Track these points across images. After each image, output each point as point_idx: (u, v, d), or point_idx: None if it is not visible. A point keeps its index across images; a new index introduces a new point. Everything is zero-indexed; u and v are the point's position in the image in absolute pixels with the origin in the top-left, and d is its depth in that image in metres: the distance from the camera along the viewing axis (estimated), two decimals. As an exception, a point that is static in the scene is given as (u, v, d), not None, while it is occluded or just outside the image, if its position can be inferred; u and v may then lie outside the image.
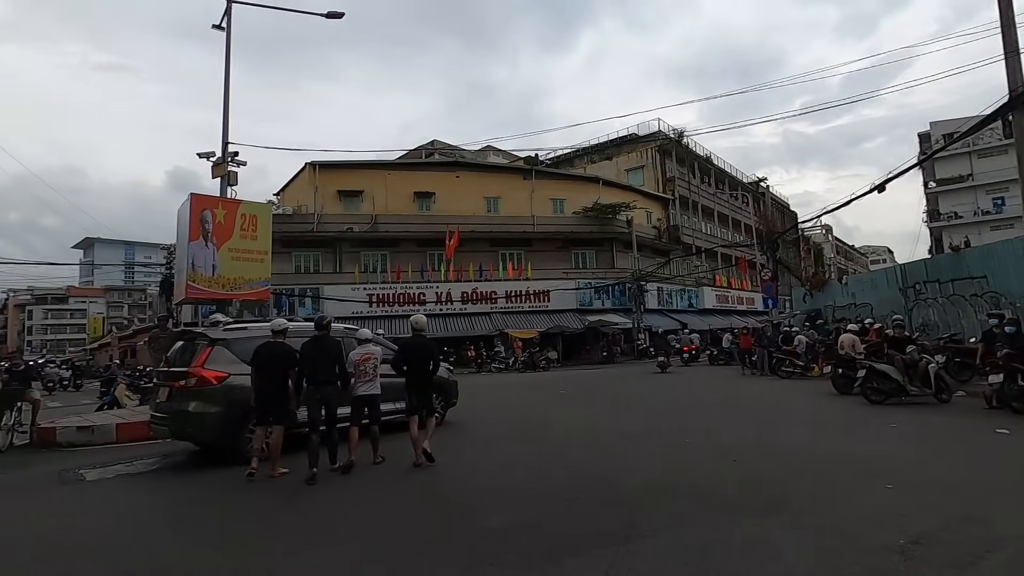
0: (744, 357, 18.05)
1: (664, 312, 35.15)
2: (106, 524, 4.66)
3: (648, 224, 38.15)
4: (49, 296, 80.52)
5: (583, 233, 34.02)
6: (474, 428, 8.83)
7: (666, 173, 41.41)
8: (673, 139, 42.35)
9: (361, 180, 31.97)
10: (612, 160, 43.33)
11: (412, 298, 29.87)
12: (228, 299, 11.09)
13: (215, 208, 10.95)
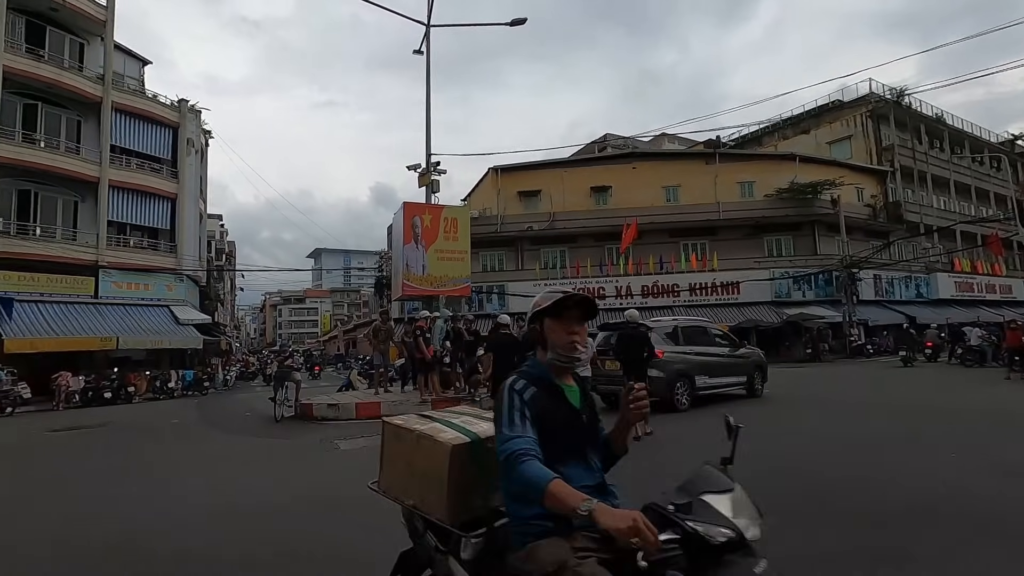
0: (1012, 358, 14.61)
1: (885, 304, 30.15)
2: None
3: (859, 202, 33.05)
4: (292, 298, 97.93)
5: (777, 217, 30.73)
6: (693, 426, 8.49)
7: (881, 142, 35.41)
8: (889, 101, 36.02)
9: (539, 180, 33.04)
10: (810, 134, 38.43)
11: (592, 292, 29.98)
12: (436, 295, 12.32)
13: (423, 214, 12.27)
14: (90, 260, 21.29)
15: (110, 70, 22.73)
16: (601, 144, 48.66)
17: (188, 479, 6.20)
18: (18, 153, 19.84)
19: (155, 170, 24.12)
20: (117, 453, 8.42)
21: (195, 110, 26.22)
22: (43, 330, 18.96)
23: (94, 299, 21.26)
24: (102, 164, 21.91)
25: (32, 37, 21.18)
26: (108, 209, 22.06)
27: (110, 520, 4.68)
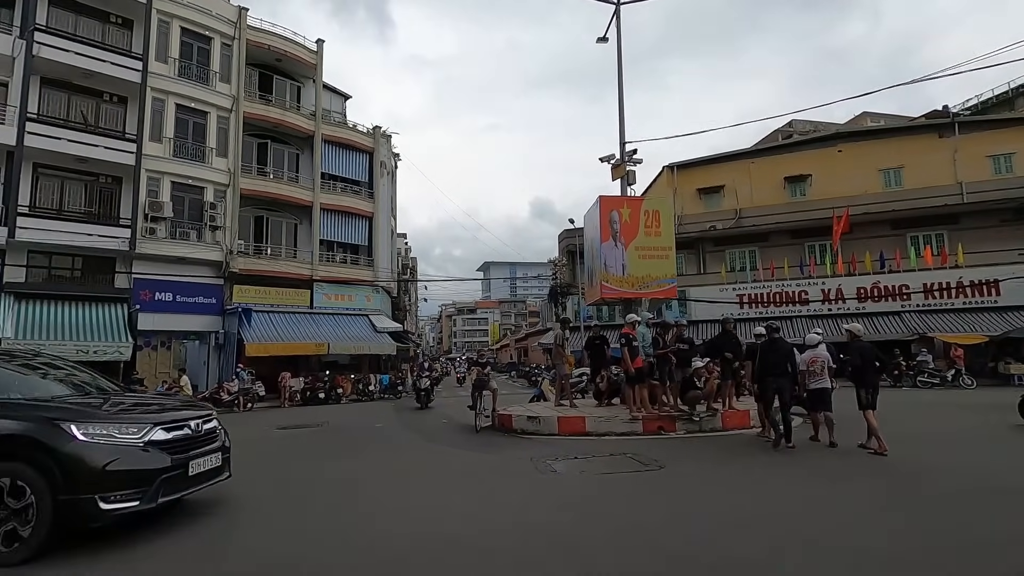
0: None
1: None
2: (667, 516, 4.42)
3: None
4: (465, 308, 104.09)
5: (1052, 196, 23.87)
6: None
7: None
8: None
9: (721, 175, 30.09)
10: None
11: (791, 297, 26.25)
12: (638, 297, 11.13)
13: (620, 208, 11.20)
14: (307, 275, 24.09)
15: (320, 107, 25.72)
16: (786, 132, 43.28)
17: (434, 493, 5.79)
18: (255, 185, 23.23)
19: (355, 192, 26.68)
20: (342, 456, 8.59)
21: (386, 135, 28.59)
22: (273, 336, 21.75)
23: (310, 309, 23.97)
24: (315, 190, 24.76)
25: (262, 85, 24.82)
26: (320, 229, 24.82)
27: (402, 523, 4.40)
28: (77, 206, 19.67)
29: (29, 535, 3.79)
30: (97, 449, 4.00)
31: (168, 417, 4.59)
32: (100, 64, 19.30)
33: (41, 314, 17.92)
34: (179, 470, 4.43)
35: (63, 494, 3.84)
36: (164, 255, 20.33)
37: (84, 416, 4.16)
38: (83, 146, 18.81)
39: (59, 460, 3.88)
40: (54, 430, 3.98)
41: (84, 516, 3.94)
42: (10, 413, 4.11)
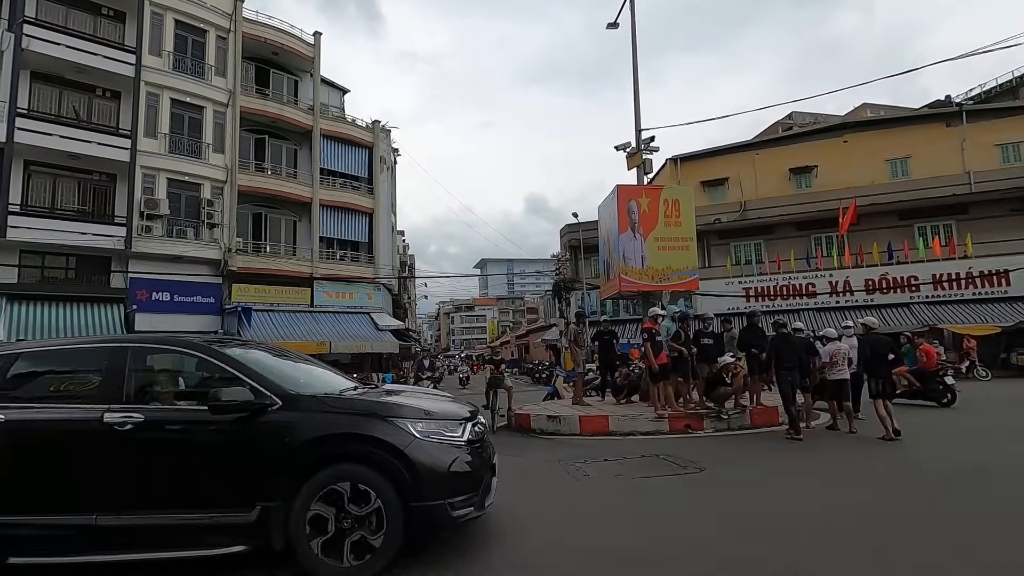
0: None
1: None
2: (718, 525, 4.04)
3: None
4: (463, 306, 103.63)
5: (1061, 184, 23.61)
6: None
7: None
8: None
9: (725, 167, 29.70)
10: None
11: (798, 290, 25.94)
12: (659, 291, 10.74)
13: (639, 197, 10.79)
14: (307, 273, 23.61)
15: (318, 101, 25.19)
16: (786, 124, 42.94)
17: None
18: (253, 181, 22.71)
19: (355, 188, 26.18)
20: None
21: (386, 130, 28.08)
22: (274, 335, 21.28)
23: (311, 308, 23.51)
24: (314, 186, 24.26)
25: (259, 79, 24.27)
26: (320, 226, 24.33)
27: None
28: (70, 204, 19.15)
29: (382, 544, 3.28)
30: (438, 448, 3.53)
31: (466, 412, 4.03)
32: (92, 58, 18.75)
33: (35, 316, 17.41)
34: (493, 474, 3.99)
35: (414, 499, 3.36)
36: (161, 254, 19.83)
37: (412, 412, 3.68)
38: (76, 142, 18.28)
39: (405, 461, 3.38)
40: (390, 427, 3.49)
41: (435, 523, 3.51)
42: (335, 408, 3.64)
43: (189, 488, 3.45)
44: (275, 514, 3.29)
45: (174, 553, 3.33)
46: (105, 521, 3.32)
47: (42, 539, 3.32)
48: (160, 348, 4.07)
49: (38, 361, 4.01)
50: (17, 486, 3.40)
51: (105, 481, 3.41)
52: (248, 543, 3.30)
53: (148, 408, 3.53)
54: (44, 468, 3.45)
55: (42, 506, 3.38)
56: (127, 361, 3.67)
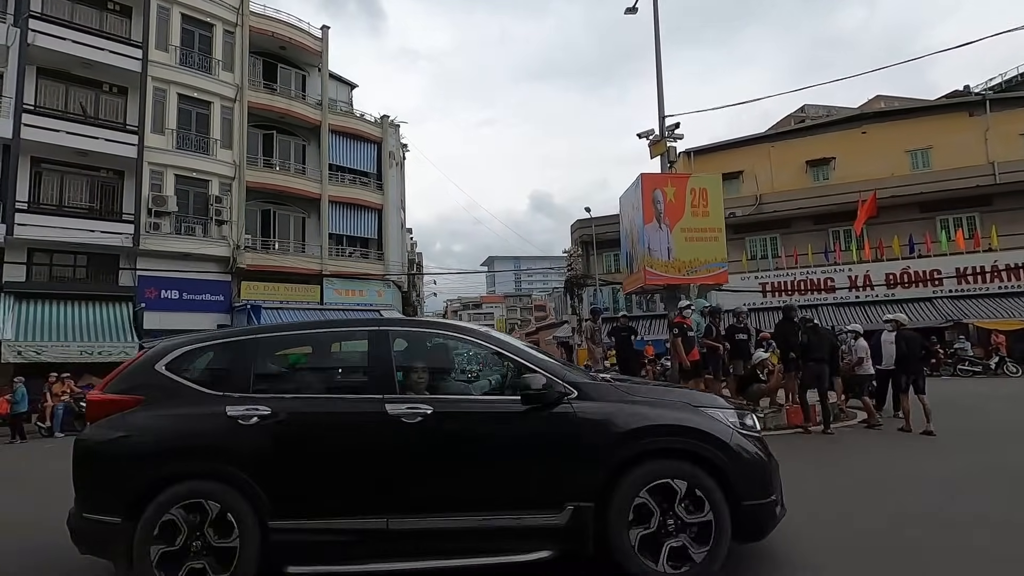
0: None
1: None
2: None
3: None
4: (470, 304, 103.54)
5: (1091, 174, 22.91)
6: None
7: None
8: None
9: (740, 160, 29.15)
10: None
11: (816, 284, 25.41)
12: (686, 284, 10.30)
13: (664, 186, 10.35)
14: (316, 270, 23.31)
15: (326, 96, 24.85)
16: (799, 117, 42.28)
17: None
18: (261, 177, 22.42)
19: (363, 184, 25.84)
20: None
21: (394, 125, 27.71)
22: (283, 334, 20.99)
23: (320, 306, 23.21)
24: (322, 182, 23.94)
25: (266, 74, 23.96)
26: (328, 222, 24.01)
27: None
28: (78, 202, 18.92)
29: (708, 553, 2.87)
30: (750, 440, 3.14)
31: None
32: (98, 53, 18.48)
33: (43, 314, 17.21)
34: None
35: (746, 498, 2.96)
36: (169, 251, 19.57)
37: (714, 400, 3.35)
38: (83, 139, 18.04)
39: (730, 454, 2.98)
40: (707, 417, 3.11)
41: (761, 526, 3.09)
42: (637, 397, 3.23)
43: (489, 487, 3.05)
44: (588, 515, 2.91)
45: (471, 560, 2.92)
46: (398, 525, 2.94)
47: (326, 546, 2.95)
48: (425, 332, 3.70)
49: (290, 346, 3.62)
50: (297, 488, 3.01)
51: (396, 481, 3.03)
52: (555, 548, 2.92)
53: (435, 399, 3.15)
54: (326, 467, 3.05)
55: (328, 510, 2.99)
56: (391, 345, 3.24)
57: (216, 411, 3.03)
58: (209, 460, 3.01)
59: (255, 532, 2.87)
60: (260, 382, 3.24)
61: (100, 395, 3.25)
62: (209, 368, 3.39)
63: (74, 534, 3.07)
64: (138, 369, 3.29)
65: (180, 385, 3.18)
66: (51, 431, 13.77)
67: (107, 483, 3.02)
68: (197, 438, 3.05)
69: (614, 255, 31.23)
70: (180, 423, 3.07)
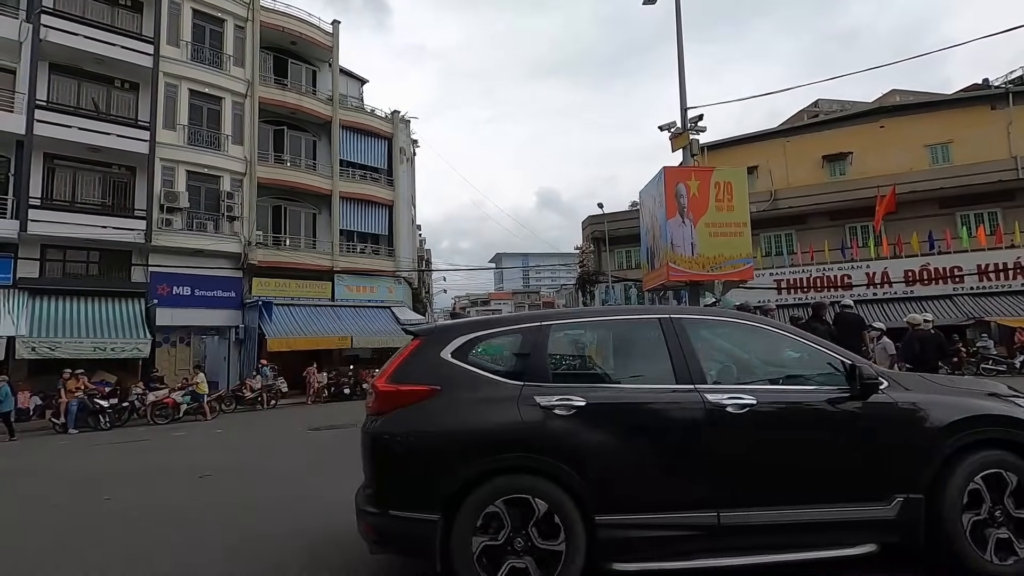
0: None
1: None
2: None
3: None
4: (478, 300, 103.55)
5: (1117, 169, 22.34)
6: None
7: None
8: None
9: (754, 155, 28.67)
10: None
11: (832, 281, 24.95)
12: (710, 280, 10.05)
13: (688, 180, 10.09)
14: (327, 266, 23.22)
15: (337, 92, 24.72)
16: (812, 111, 41.75)
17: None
18: (272, 173, 22.35)
19: (374, 180, 25.72)
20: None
21: (405, 120, 27.56)
22: (295, 330, 20.93)
23: (331, 302, 23.14)
24: (333, 178, 23.84)
25: (277, 69, 23.86)
26: (340, 219, 23.90)
27: None
28: (91, 198, 18.92)
29: None
30: None
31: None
32: (110, 48, 18.44)
33: (56, 310, 17.21)
34: None
35: None
36: (181, 247, 19.53)
37: (1008, 390, 3.28)
38: (95, 134, 18.02)
39: None
40: (1019, 407, 3.08)
41: None
42: (946, 387, 3.25)
43: (814, 480, 2.97)
44: (919, 507, 2.87)
45: (798, 555, 2.87)
46: (729, 520, 2.85)
47: (655, 541, 2.84)
48: (718, 320, 3.58)
49: (578, 332, 3.52)
50: (623, 481, 2.89)
51: (724, 474, 2.93)
52: (881, 541, 2.89)
53: (755, 389, 3.06)
54: (651, 460, 2.94)
55: (656, 504, 2.88)
56: (687, 333, 3.16)
57: (525, 401, 2.90)
58: (526, 452, 2.87)
59: (581, 527, 2.78)
60: (558, 370, 3.10)
61: (394, 386, 3.03)
62: (499, 355, 3.24)
63: (378, 533, 2.94)
64: (423, 358, 3.12)
65: (472, 373, 3.05)
66: (65, 427, 13.74)
67: (421, 478, 2.86)
68: (511, 429, 2.89)
69: (626, 251, 30.95)
70: (489, 413, 2.93)
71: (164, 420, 14.84)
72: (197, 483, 6.81)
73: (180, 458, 8.89)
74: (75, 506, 5.95)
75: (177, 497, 6.09)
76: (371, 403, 3.12)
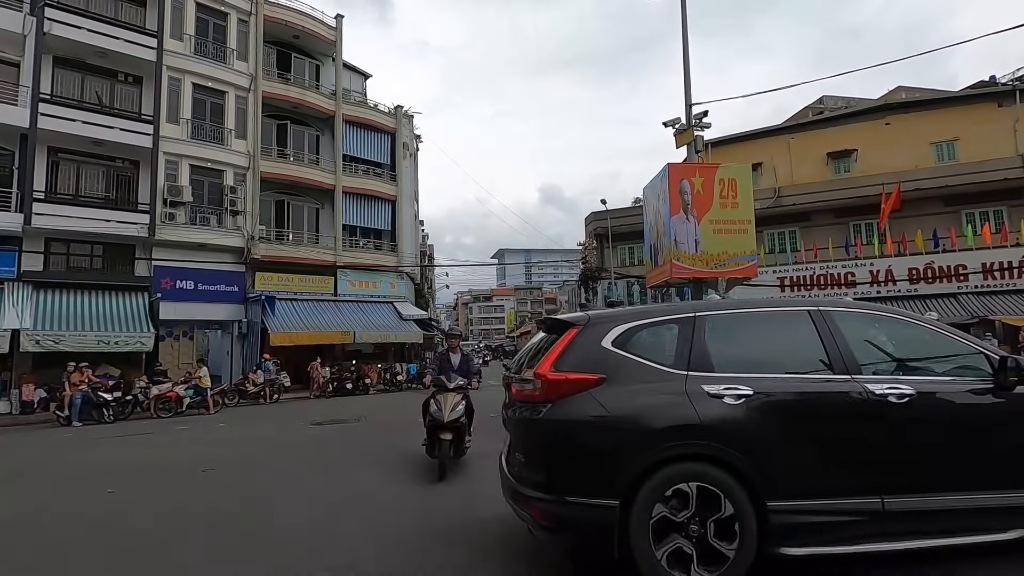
0: None
1: None
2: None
3: None
4: (481, 296, 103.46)
5: (1125, 167, 22.16)
6: None
7: None
8: None
9: (758, 152, 28.52)
10: None
11: (836, 279, 24.81)
12: (713, 277, 10.02)
13: (692, 177, 10.04)
14: (330, 261, 23.23)
15: (340, 86, 24.66)
16: (817, 108, 41.41)
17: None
18: (275, 168, 22.34)
19: (377, 175, 25.69)
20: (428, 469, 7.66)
21: (408, 115, 27.49)
22: (298, 325, 20.97)
23: (334, 297, 23.16)
24: (336, 173, 23.82)
25: (280, 64, 23.80)
26: (343, 214, 23.89)
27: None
28: (95, 191, 18.94)
29: None
30: None
31: None
32: (114, 42, 18.41)
33: (60, 304, 17.26)
34: None
35: None
36: (184, 241, 19.56)
37: None
38: (99, 128, 18.01)
39: None
40: None
41: None
42: None
43: (972, 467, 3.10)
44: None
45: (958, 540, 3.03)
46: (893, 505, 2.98)
47: (822, 526, 2.94)
48: (867, 314, 3.69)
49: (733, 324, 3.53)
50: (791, 468, 2.97)
51: (889, 460, 3.05)
52: None
53: (913, 380, 3.18)
54: (817, 447, 3.04)
55: (823, 490, 2.97)
56: (839, 325, 3.30)
57: (693, 389, 2.99)
58: (698, 439, 2.94)
59: (752, 513, 2.86)
60: (718, 359, 3.18)
61: (563, 374, 3.09)
62: (658, 344, 3.31)
63: (552, 519, 2.99)
64: (583, 346, 3.19)
65: (636, 362, 3.13)
66: (69, 420, 13.79)
67: (600, 465, 2.94)
68: (683, 417, 2.95)
69: (629, 248, 30.86)
70: (660, 402, 2.99)
71: (167, 414, 14.89)
72: (200, 477, 6.83)
73: (182, 452, 8.92)
74: (75, 500, 5.98)
75: (178, 493, 6.11)
76: (533, 392, 3.16)
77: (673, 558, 2.78)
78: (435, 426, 6.16)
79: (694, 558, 2.79)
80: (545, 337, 3.59)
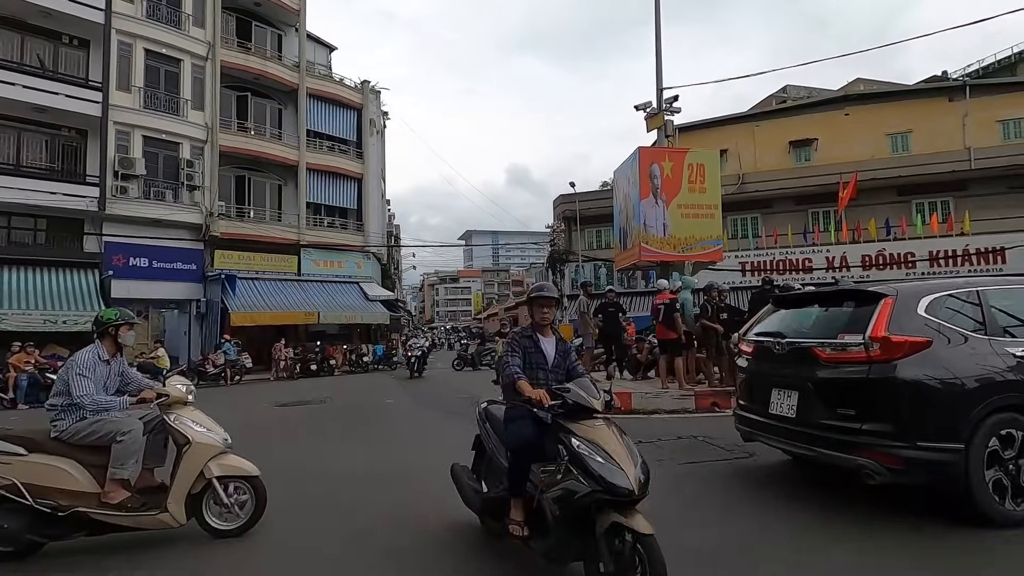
0: None
1: None
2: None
3: None
4: (447, 278, 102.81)
5: (1061, 163, 23.49)
6: None
7: None
8: None
9: (724, 138, 28.98)
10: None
11: (794, 264, 25.65)
12: (680, 261, 10.19)
13: (662, 161, 10.14)
14: (293, 239, 22.63)
15: (304, 58, 23.77)
16: (780, 97, 42.33)
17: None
18: (235, 142, 21.47)
19: (343, 152, 25.03)
20: (391, 441, 7.61)
21: (375, 91, 26.79)
22: (259, 304, 20.42)
23: (298, 276, 22.62)
24: (300, 148, 23.07)
25: (241, 32, 22.74)
26: (307, 191, 23.23)
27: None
28: (38, 162, 17.82)
29: None
30: None
31: None
32: (58, 1, 17.18)
33: (1, 281, 16.29)
34: None
35: None
36: (138, 216, 18.69)
37: None
38: (41, 93, 16.88)
39: None
40: None
41: None
42: None
43: None
44: None
45: None
46: None
47: None
48: None
49: (1016, 297, 4.09)
50: None
51: None
52: None
53: None
54: None
55: None
56: None
57: (1000, 351, 3.64)
58: (1013, 392, 3.55)
59: None
60: (1009, 326, 3.82)
61: (904, 337, 3.60)
62: (955, 313, 3.81)
63: (903, 462, 3.44)
64: (902, 314, 3.72)
65: (948, 327, 3.71)
66: (14, 403, 13.14)
67: (947, 416, 3.48)
68: (1001, 374, 3.57)
69: (596, 231, 31.11)
70: (982, 361, 3.60)
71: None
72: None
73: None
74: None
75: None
76: (862, 354, 3.66)
77: (995, 486, 3.40)
78: (606, 502, 2.58)
79: (1009, 490, 3.41)
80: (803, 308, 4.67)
